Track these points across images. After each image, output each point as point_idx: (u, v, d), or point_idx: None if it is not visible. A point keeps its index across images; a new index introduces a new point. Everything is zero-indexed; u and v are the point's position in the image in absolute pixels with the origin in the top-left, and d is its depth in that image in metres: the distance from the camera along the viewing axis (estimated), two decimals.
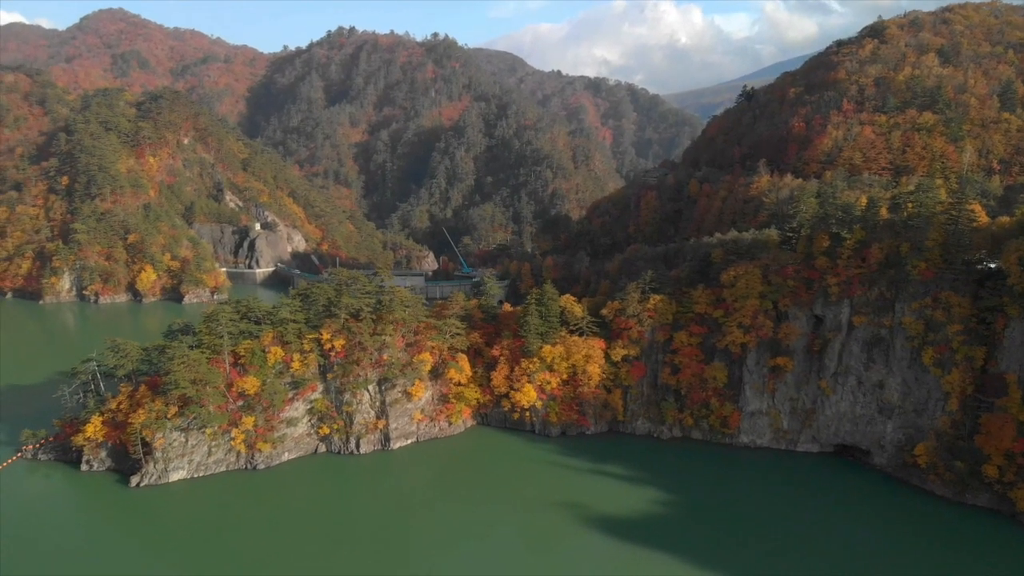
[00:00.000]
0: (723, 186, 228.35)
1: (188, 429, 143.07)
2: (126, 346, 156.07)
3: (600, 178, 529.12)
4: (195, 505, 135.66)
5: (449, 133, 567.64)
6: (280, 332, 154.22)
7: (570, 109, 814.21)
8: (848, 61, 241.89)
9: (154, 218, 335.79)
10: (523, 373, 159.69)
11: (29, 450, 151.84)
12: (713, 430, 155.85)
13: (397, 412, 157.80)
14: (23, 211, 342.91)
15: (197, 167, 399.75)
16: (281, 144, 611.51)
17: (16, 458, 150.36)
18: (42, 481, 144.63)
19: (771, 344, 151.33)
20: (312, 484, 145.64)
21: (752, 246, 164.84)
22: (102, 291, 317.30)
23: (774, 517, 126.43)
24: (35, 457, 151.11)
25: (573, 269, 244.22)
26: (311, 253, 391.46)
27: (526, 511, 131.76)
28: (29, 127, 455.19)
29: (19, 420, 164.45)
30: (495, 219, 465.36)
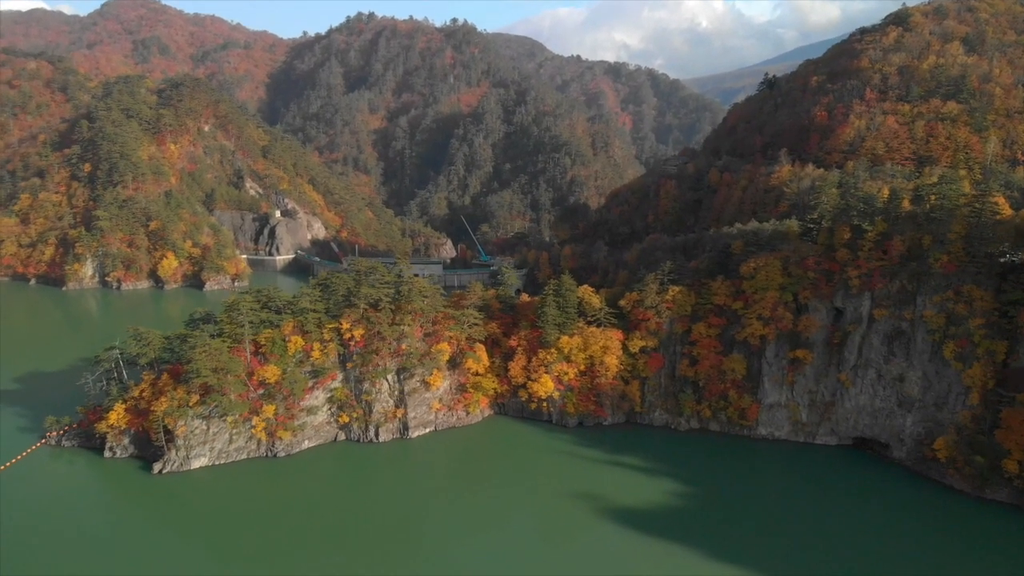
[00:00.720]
0: (744, 175, 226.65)
1: (210, 417, 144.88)
2: (148, 335, 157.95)
3: (619, 165, 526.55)
4: (216, 492, 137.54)
5: (467, 119, 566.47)
6: (300, 321, 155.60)
7: (589, 94, 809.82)
8: (871, 49, 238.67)
9: (175, 205, 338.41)
10: (540, 364, 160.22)
11: (53, 436, 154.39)
12: (731, 422, 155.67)
13: (415, 401, 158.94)
14: (46, 198, 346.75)
15: (217, 154, 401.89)
16: (300, 131, 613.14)
17: (40, 444, 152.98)
18: (66, 467, 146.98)
19: (790, 336, 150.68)
20: (332, 472, 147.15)
21: (772, 237, 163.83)
22: (124, 278, 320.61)
23: (792, 510, 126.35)
24: (59, 443, 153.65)
25: (591, 258, 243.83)
26: (331, 240, 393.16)
27: (543, 501, 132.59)
28: (51, 114, 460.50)
29: (43, 406, 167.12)
30: (513, 206, 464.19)
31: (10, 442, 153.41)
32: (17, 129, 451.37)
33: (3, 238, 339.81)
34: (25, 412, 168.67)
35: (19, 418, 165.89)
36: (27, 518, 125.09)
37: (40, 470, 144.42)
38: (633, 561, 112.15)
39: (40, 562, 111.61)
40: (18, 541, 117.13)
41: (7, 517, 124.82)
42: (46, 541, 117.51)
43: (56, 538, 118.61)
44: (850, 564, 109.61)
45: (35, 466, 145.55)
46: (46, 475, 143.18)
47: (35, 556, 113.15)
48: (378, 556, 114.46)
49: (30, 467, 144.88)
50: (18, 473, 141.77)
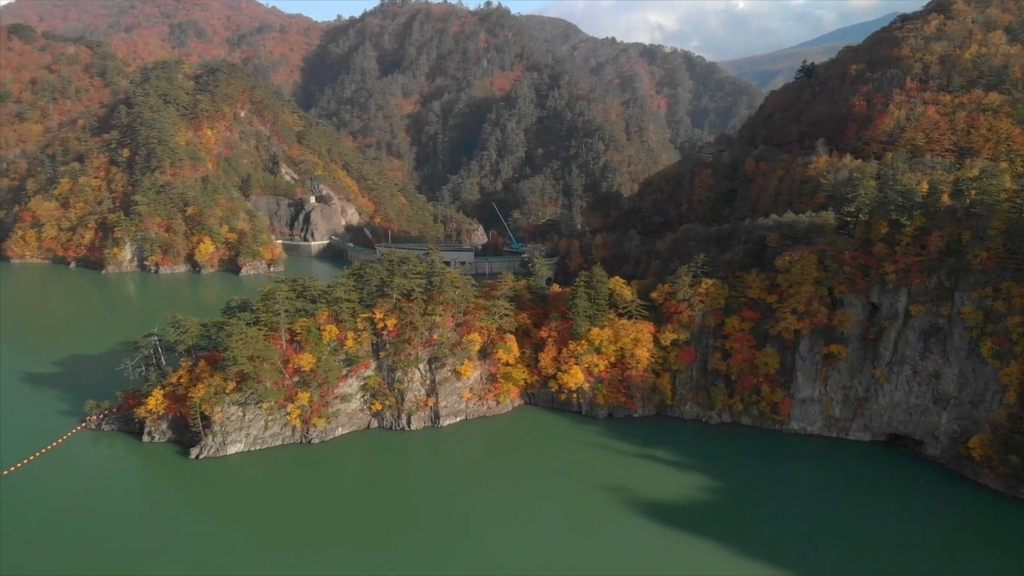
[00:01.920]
0: (780, 165, 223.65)
1: (246, 404, 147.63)
2: (186, 322, 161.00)
3: (653, 150, 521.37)
4: (252, 477, 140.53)
5: (500, 104, 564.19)
6: (335, 311, 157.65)
7: (624, 77, 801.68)
8: (912, 37, 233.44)
9: (212, 191, 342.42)
10: (571, 355, 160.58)
11: (93, 420, 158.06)
12: (763, 416, 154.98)
13: (447, 390, 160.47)
14: (85, 182, 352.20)
15: (253, 140, 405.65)
16: (335, 115, 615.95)
17: (81, 428, 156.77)
18: (106, 450, 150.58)
19: (825, 331, 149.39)
20: (365, 458, 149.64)
21: (808, 230, 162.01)
22: (162, 262, 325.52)
23: (823, 507, 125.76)
24: (99, 427, 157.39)
25: (623, 248, 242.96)
26: (364, 226, 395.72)
27: (572, 493, 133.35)
28: (90, 99, 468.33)
29: (83, 390, 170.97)
30: (545, 192, 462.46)
31: (52, 425, 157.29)
32: (57, 114, 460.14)
33: (44, 222, 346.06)
34: (66, 395, 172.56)
35: (60, 401, 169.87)
36: (68, 500, 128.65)
37: (81, 453, 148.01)
38: (661, 556, 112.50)
39: (81, 543, 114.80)
40: (60, 522, 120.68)
41: (50, 498, 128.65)
42: (86, 522, 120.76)
43: (96, 520, 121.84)
44: (880, 564, 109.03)
45: (76, 449, 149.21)
46: (87, 458, 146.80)
47: (76, 537, 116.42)
48: (409, 544, 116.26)
49: (71, 450, 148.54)
50: (60, 456, 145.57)
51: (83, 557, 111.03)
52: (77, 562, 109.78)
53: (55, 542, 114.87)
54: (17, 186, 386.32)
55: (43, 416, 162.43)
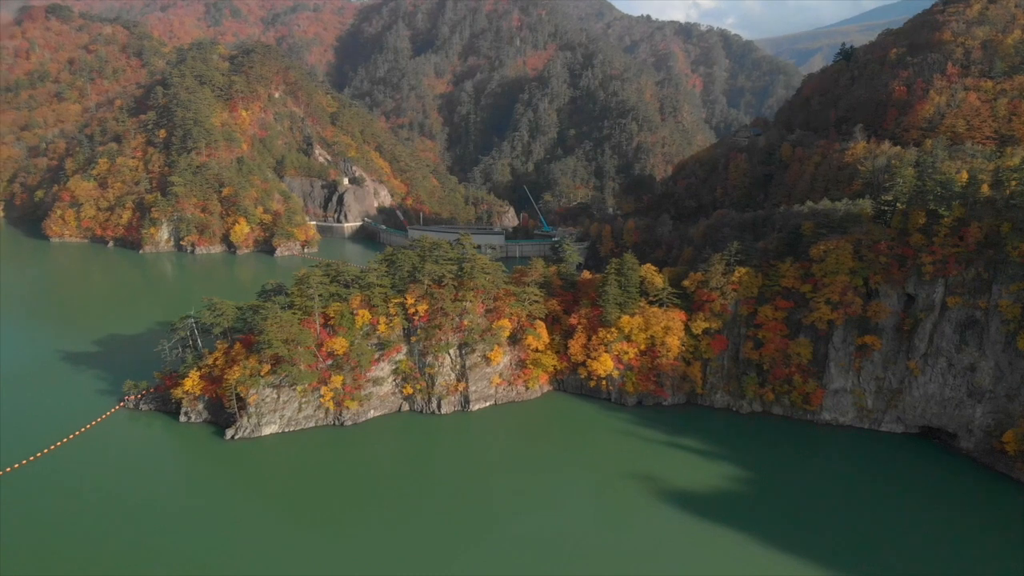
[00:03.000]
0: (817, 151, 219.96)
1: (280, 386, 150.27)
2: (222, 305, 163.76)
3: (688, 131, 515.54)
4: (286, 458, 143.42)
5: (533, 83, 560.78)
6: (367, 296, 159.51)
7: (659, 56, 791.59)
8: (954, 21, 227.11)
9: (247, 172, 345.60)
10: (600, 342, 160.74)
11: (131, 400, 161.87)
12: (794, 406, 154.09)
13: (476, 375, 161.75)
14: (123, 163, 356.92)
15: (287, 121, 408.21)
16: (368, 95, 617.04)
17: (119, 407, 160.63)
18: (143, 430, 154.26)
19: (859, 322, 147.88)
20: (396, 441, 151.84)
21: (844, 219, 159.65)
22: (198, 242, 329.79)
23: (854, 500, 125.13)
24: (137, 407, 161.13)
25: (655, 233, 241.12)
26: (396, 208, 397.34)
27: (600, 481, 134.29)
28: (127, 79, 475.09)
29: (121, 369, 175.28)
30: (577, 174, 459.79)
31: (91, 404, 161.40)
32: (94, 94, 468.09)
33: (83, 201, 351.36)
34: (105, 375, 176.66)
35: (99, 381, 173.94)
36: (107, 478, 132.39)
37: (119, 432, 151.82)
38: (688, 546, 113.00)
39: (119, 521, 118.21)
40: (99, 501, 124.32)
41: (89, 477, 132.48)
42: (124, 501, 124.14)
43: (133, 498, 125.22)
44: (909, 558, 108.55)
45: (115, 428, 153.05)
46: (125, 437, 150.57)
47: (114, 515, 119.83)
48: (437, 526, 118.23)
49: (110, 429, 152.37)
50: (99, 434, 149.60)
51: (121, 535, 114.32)
52: (116, 539, 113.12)
53: (94, 520, 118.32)
54: (56, 166, 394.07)
55: (83, 395, 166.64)
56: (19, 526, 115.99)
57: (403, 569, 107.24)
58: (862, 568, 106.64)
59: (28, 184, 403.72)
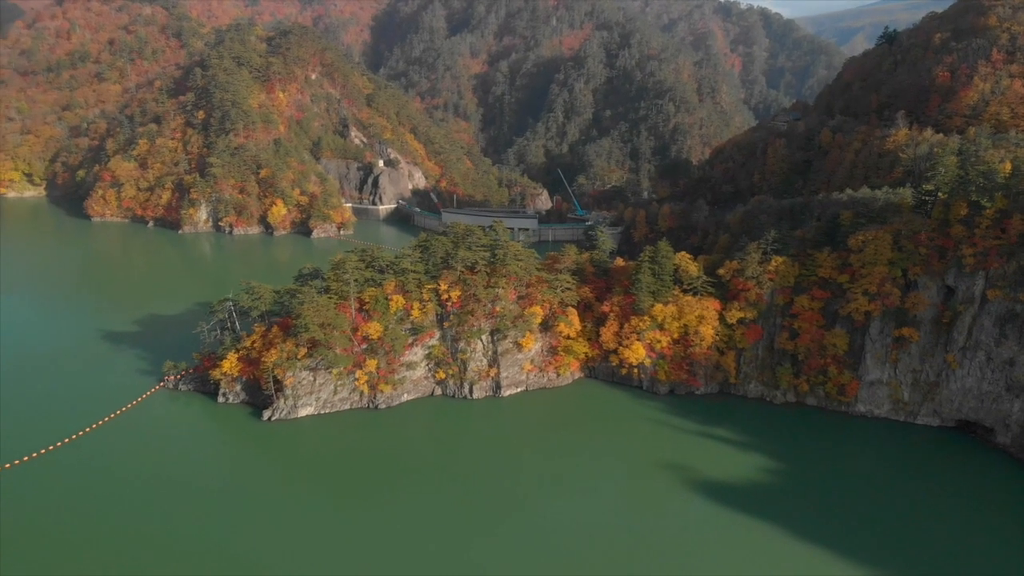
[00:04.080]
0: (857, 137, 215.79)
1: (316, 369, 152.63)
2: (260, 289, 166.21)
3: (726, 112, 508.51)
4: (321, 439, 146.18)
5: (569, 64, 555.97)
6: (401, 281, 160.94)
7: (697, 35, 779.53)
8: (1000, 6, 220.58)
9: (284, 153, 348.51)
10: (633, 331, 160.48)
11: (170, 380, 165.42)
12: (829, 397, 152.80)
13: (508, 361, 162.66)
14: (162, 143, 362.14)
15: (324, 103, 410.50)
16: (403, 75, 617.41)
17: (159, 387, 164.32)
18: (182, 409, 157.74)
19: (897, 313, 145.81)
20: (428, 425, 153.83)
21: (884, 209, 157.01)
22: (236, 223, 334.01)
23: (887, 494, 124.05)
24: (176, 387, 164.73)
25: (691, 218, 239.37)
26: (430, 190, 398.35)
27: (630, 468, 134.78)
28: (166, 60, 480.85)
29: (161, 350, 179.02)
30: (612, 155, 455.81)
31: (132, 383, 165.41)
32: (134, 74, 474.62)
33: (123, 181, 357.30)
34: (145, 355, 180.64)
35: (140, 361, 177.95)
36: (148, 457, 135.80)
37: (159, 412, 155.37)
38: (716, 537, 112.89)
39: (160, 499, 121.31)
40: (140, 479, 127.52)
41: (130, 456, 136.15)
42: (164, 479, 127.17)
43: (174, 477, 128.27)
44: (942, 555, 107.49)
45: (154, 408, 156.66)
46: (165, 417, 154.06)
47: (155, 493, 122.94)
48: (466, 508, 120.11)
49: (150, 409, 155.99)
50: (139, 414, 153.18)
51: (161, 513, 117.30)
52: (156, 518, 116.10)
53: (134, 499, 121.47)
54: (97, 146, 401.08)
55: (124, 375, 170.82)
56: (61, 505, 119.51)
57: (431, 548, 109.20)
58: (894, 564, 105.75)
59: (70, 164, 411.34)
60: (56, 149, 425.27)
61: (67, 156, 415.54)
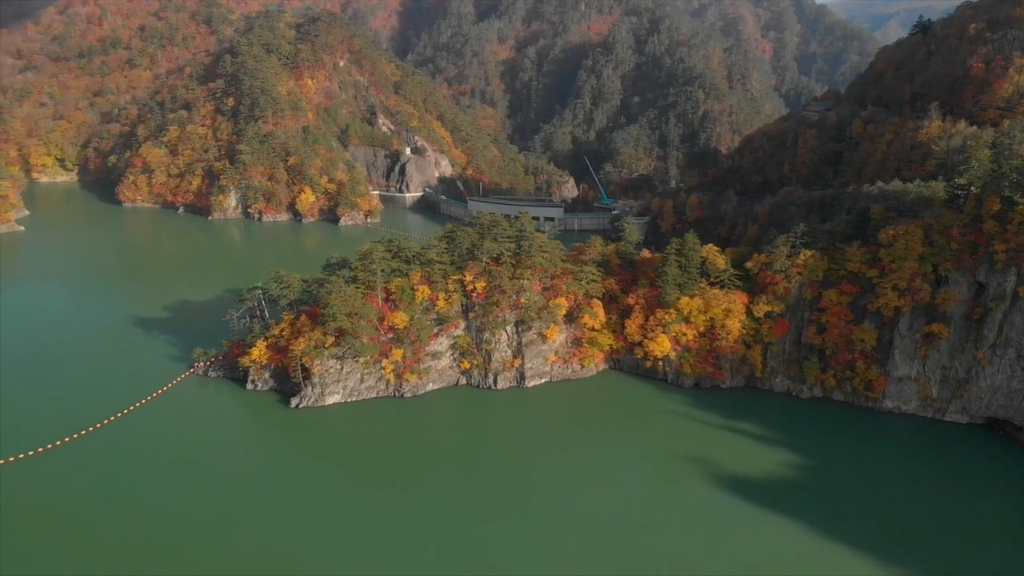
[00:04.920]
0: (889, 128, 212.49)
1: (343, 358, 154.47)
2: (288, 278, 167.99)
3: (756, 99, 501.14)
4: (348, 427, 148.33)
5: (597, 49, 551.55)
6: (427, 272, 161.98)
7: (728, 20, 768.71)
8: None
9: (312, 141, 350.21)
10: (658, 323, 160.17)
11: (200, 367, 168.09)
12: (856, 393, 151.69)
13: (532, 352, 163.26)
14: (193, 130, 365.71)
15: (352, 90, 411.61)
16: (430, 61, 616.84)
17: (189, 373, 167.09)
18: (212, 395, 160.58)
19: (927, 309, 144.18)
20: (453, 414, 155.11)
21: (915, 202, 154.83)
22: (265, 210, 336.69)
23: (914, 491, 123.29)
24: (205, 373, 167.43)
25: (719, 208, 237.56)
26: (456, 178, 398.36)
27: (652, 461, 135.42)
28: (196, 46, 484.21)
29: (191, 336, 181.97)
30: (640, 142, 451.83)
31: (163, 369, 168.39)
32: (165, 60, 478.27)
33: (154, 168, 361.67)
34: (175, 341, 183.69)
35: (170, 347, 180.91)
36: (179, 443, 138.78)
37: (189, 398, 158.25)
38: (739, 532, 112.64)
39: (190, 483, 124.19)
40: (171, 464, 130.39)
41: (161, 440, 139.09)
42: (195, 465, 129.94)
43: (204, 463, 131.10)
44: (966, 557, 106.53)
45: (185, 394, 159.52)
46: (195, 403, 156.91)
47: (186, 479, 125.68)
48: (490, 499, 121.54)
49: (181, 394, 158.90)
50: (171, 399, 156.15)
51: (190, 497, 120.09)
52: (185, 502, 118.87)
53: (164, 482, 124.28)
54: (128, 132, 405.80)
55: (155, 360, 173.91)
56: (92, 489, 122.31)
57: (452, 536, 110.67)
58: (919, 564, 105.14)
59: (101, 149, 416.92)
60: (88, 135, 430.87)
61: (99, 142, 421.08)
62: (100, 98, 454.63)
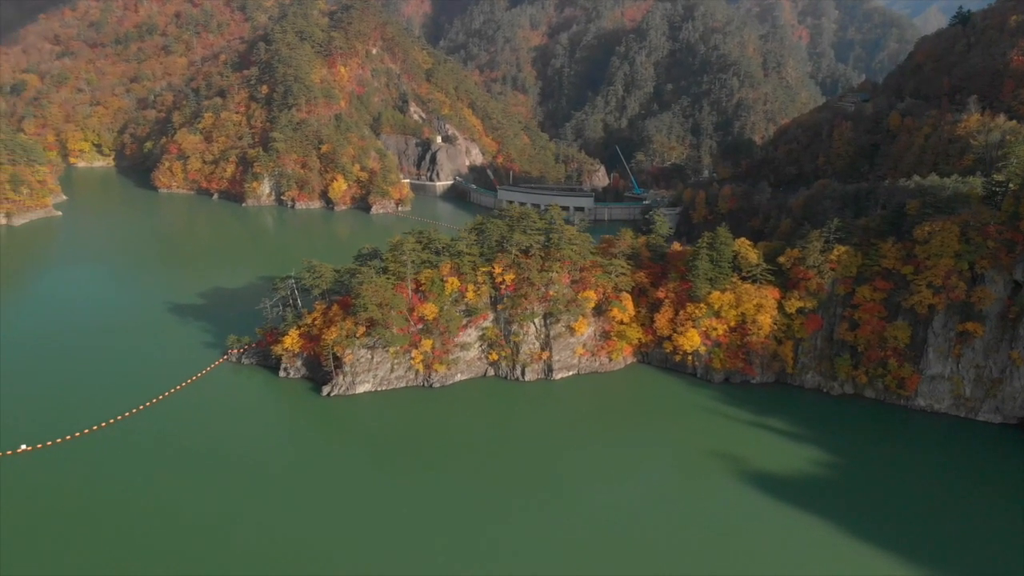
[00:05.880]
0: (927, 121, 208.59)
1: (374, 347, 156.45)
2: (321, 268, 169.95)
3: (792, 87, 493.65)
4: (378, 415, 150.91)
5: (630, 36, 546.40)
6: (457, 264, 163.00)
7: (763, 6, 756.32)
8: None
9: (344, 129, 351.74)
10: (688, 318, 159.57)
11: (234, 354, 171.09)
12: (888, 390, 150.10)
13: (560, 345, 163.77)
14: (227, 117, 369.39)
15: (384, 77, 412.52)
16: (462, 47, 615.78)
17: (223, 360, 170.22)
18: (245, 382, 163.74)
19: (962, 307, 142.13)
20: (480, 404, 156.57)
21: (952, 199, 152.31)
22: (298, 197, 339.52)
23: (945, 492, 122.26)
24: (239, 361, 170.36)
25: (752, 200, 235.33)
26: (487, 167, 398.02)
27: (679, 456, 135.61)
28: (231, 33, 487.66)
29: (225, 324, 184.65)
30: (672, 130, 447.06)
31: (197, 356, 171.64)
32: (200, 47, 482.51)
33: (189, 154, 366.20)
34: (209, 328, 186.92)
35: (205, 334, 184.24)
36: (213, 428, 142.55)
37: (224, 384, 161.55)
38: (765, 529, 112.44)
39: (223, 468, 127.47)
40: (204, 448, 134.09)
41: (197, 427, 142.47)
42: (229, 451, 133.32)
43: (236, 448, 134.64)
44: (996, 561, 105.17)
45: (219, 380, 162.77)
46: (229, 389, 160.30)
47: (218, 462, 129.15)
48: (513, 490, 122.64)
49: (215, 381, 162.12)
50: (205, 386, 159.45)
51: (224, 482, 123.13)
52: (219, 487, 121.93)
53: (198, 467, 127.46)
54: (164, 118, 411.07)
55: (190, 347, 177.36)
56: (127, 474, 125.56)
57: (474, 526, 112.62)
58: (949, 566, 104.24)
59: (138, 135, 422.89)
60: (124, 120, 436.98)
61: (135, 128, 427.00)
62: (136, 84, 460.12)
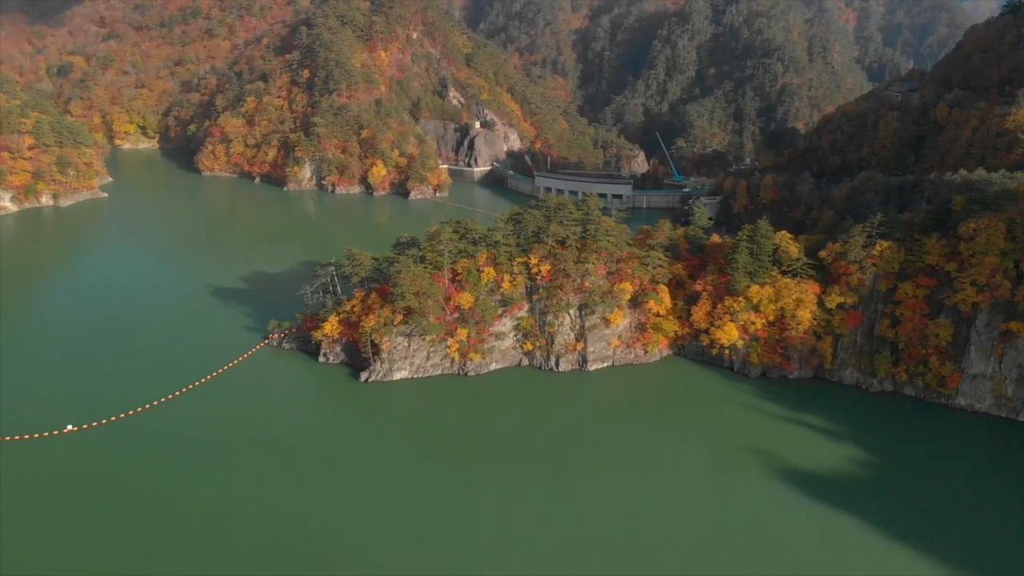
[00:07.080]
0: (975, 114, 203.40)
1: (411, 335, 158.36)
2: (360, 256, 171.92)
3: (837, 73, 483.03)
4: (414, 402, 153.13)
5: (673, 19, 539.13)
6: (493, 254, 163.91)
7: None
8: None
9: (384, 114, 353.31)
10: (726, 311, 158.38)
11: (275, 339, 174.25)
12: (928, 388, 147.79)
13: (595, 336, 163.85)
14: (269, 101, 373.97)
15: (424, 62, 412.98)
16: (503, 30, 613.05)
17: (264, 344, 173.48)
18: (285, 367, 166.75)
19: (1006, 306, 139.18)
20: (514, 394, 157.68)
21: (999, 195, 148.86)
22: (338, 182, 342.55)
23: (984, 494, 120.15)
24: (280, 345, 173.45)
25: (795, 191, 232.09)
26: (524, 153, 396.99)
27: (713, 450, 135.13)
28: (273, 16, 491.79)
29: (266, 308, 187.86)
30: (714, 116, 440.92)
31: (240, 340, 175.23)
32: (243, 31, 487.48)
33: (232, 138, 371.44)
34: (251, 312, 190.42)
35: (246, 318, 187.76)
36: (254, 411, 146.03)
37: (265, 368, 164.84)
38: (798, 527, 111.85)
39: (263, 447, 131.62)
40: (245, 431, 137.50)
41: (237, 409, 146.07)
42: (267, 434, 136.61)
43: (275, 431, 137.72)
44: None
45: (260, 364, 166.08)
46: (270, 373, 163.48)
47: (258, 445, 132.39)
48: (547, 478, 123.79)
49: (256, 365, 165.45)
50: (246, 369, 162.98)
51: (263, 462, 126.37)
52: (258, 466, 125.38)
53: (239, 450, 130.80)
54: (207, 101, 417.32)
55: (232, 330, 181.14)
56: (169, 455, 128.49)
57: (504, 513, 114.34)
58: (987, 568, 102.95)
59: (181, 118, 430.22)
60: (168, 103, 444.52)
61: (179, 110, 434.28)
62: (180, 67, 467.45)
